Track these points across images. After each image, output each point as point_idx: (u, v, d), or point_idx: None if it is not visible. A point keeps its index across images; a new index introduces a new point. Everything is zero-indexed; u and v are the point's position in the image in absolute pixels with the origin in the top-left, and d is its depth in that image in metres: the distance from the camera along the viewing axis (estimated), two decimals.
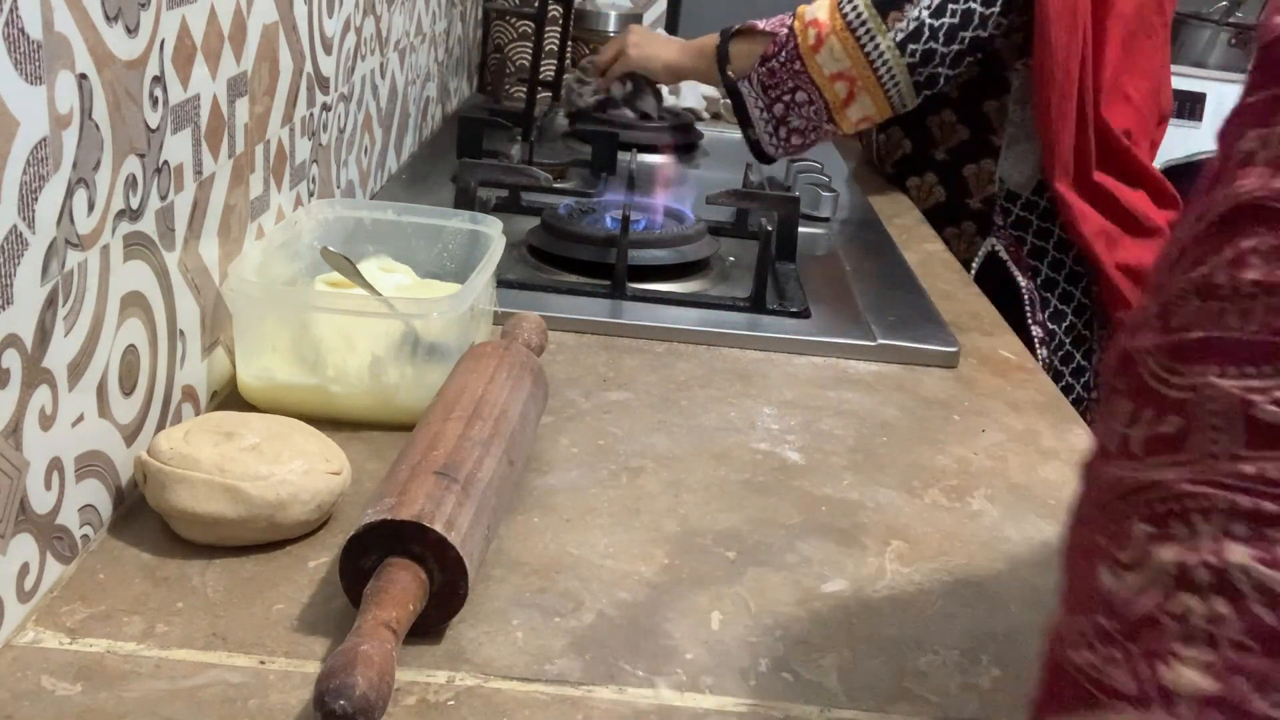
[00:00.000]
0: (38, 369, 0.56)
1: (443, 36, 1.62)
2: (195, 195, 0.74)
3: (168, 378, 0.73)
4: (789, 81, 1.37)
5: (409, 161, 1.44)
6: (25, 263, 0.54)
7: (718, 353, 1.00)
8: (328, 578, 0.64)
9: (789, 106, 1.38)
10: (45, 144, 0.55)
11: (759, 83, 1.39)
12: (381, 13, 1.22)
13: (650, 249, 1.11)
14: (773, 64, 1.37)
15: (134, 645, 0.57)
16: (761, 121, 1.41)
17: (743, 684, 0.58)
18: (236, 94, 0.79)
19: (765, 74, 1.38)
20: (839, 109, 1.36)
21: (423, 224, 0.97)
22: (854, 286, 1.16)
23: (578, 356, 0.96)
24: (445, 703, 0.55)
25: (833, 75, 1.34)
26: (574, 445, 0.81)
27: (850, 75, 1.34)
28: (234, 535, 0.64)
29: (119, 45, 0.61)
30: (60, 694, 0.53)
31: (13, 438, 0.55)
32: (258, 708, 0.53)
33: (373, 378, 0.80)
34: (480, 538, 0.61)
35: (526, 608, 0.63)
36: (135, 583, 0.62)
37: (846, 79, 1.34)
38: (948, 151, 1.51)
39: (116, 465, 0.66)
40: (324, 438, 0.70)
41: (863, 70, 1.33)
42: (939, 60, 1.33)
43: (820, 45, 1.33)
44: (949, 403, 0.94)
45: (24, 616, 0.58)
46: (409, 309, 0.81)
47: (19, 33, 0.52)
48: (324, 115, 1.03)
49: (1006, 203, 1.46)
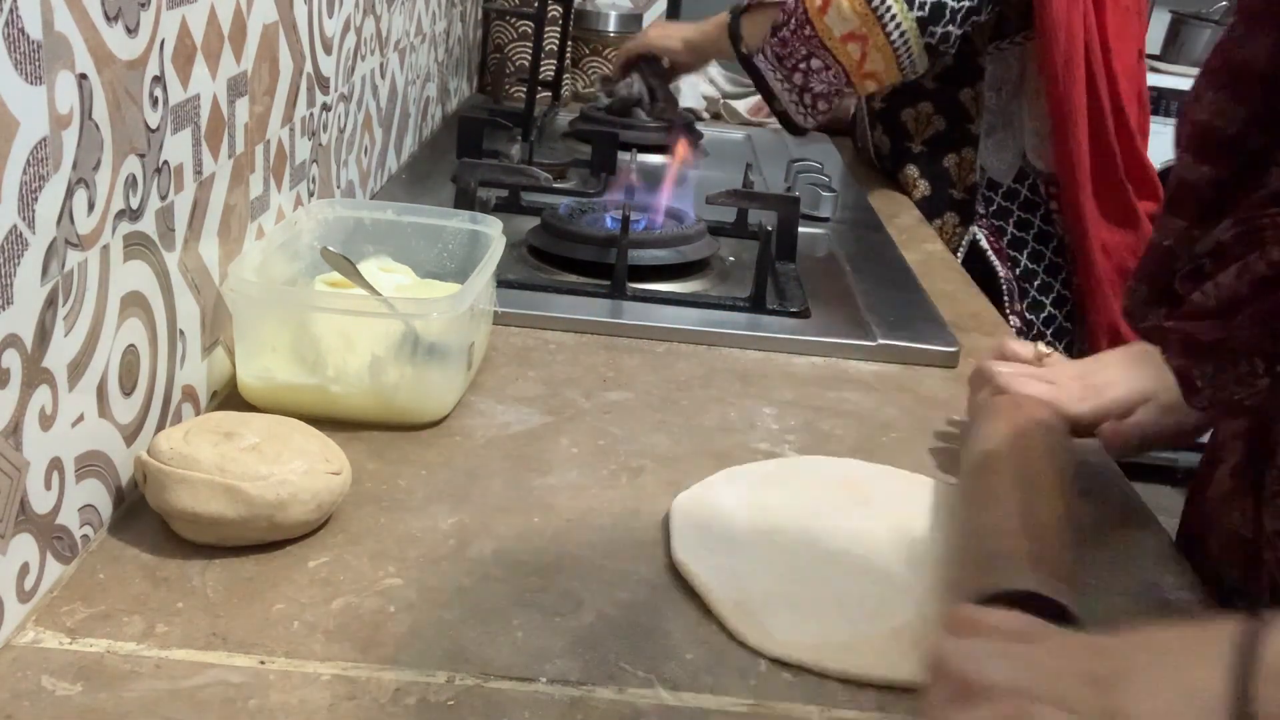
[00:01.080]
0: (38, 369, 0.56)
1: (443, 36, 1.62)
2: (195, 195, 0.74)
3: (168, 378, 0.73)
4: (802, 49, 1.35)
5: (409, 161, 1.44)
6: (25, 263, 0.54)
7: (718, 353, 1.00)
8: (328, 578, 0.64)
9: (807, 74, 1.36)
10: (45, 144, 0.55)
11: (773, 54, 1.38)
12: (381, 13, 1.22)
13: (650, 249, 1.11)
14: (783, 33, 1.36)
15: (134, 645, 0.57)
16: (785, 93, 1.39)
17: (743, 684, 0.58)
18: (236, 94, 0.79)
19: (778, 44, 1.37)
20: (856, 71, 1.34)
21: (423, 224, 0.97)
22: (854, 286, 1.16)
23: (578, 356, 0.96)
24: (445, 703, 0.55)
25: (844, 36, 1.32)
26: (574, 445, 0.81)
27: (861, 34, 1.31)
28: (234, 535, 0.64)
29: (119, 45, 0.61)
30: (60, 694, 0.53)
31: (13, 438, 0.55)
32: (258, 708, 0.53)
33: (373, 378, 0.80)
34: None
35: (526, 608, 0.63)
36: (135, 583, 0.62)
37: (858, 39, 1.32)
38: (924, 143, 1.52)
39: (116, 465, 0.66)
40: (324, 438, 0.70)
41: (872, 28, 1.31)
42: (949, 17, 1.31)
43: (828, 6, 1.31)
44: (949, 403, 0.94)
45: (24, 616, 0.58)
46: (409, 309, 0.81)
47: (19, 33, 0.52)
48: (324, 115, 1.03)
49: (988, 191, 1.47)
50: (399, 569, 0.65)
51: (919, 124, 1.51)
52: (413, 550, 0.67)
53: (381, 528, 0.69)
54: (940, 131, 1.50)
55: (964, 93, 1.47)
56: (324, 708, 0.54)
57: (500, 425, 0.83)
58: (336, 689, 0.55)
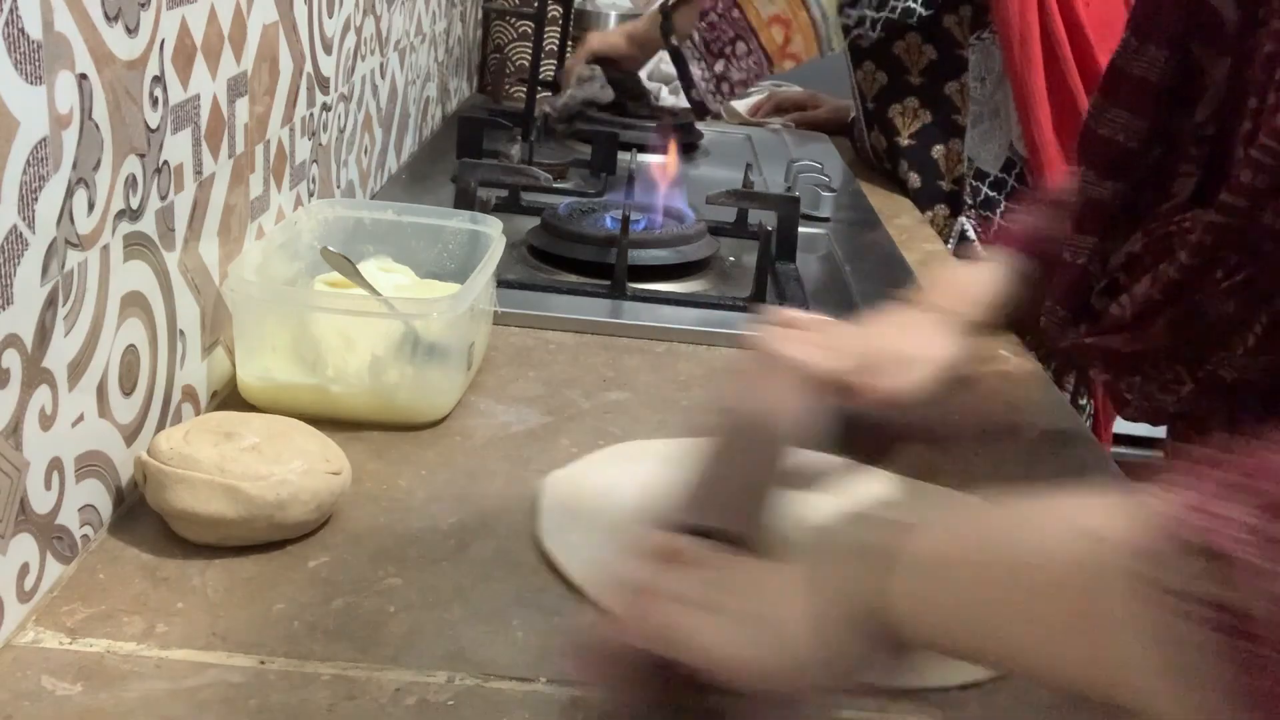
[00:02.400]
0: (38, 369, 0.56)
1: (443, 36, 1.62)
2: (195, 195, 0.74)
3: (168, 378, 0.73)
4: (729, 31, 1.42)
5: (409, 161, 1.44)
6: (25, 263, 0.54)
7: (718, 353, 1.00)
8: (328, 578, 0.64)
9: (729, 60, 1.43)
10: (45, 144, 0.55)
11: (700, 40, 1.44)
12: (381, 13, 1.22)
13: (650, 249, 1.11)
14: (711, 17, 1.43)
15: (134, 645, 0.57)
16: (704, 82, 1.46)
17: None
18: (236, 94, 0.79)
19: (705, 29, 1.43)
20: (779, 54, 1.42)
21: (423, 224, 0.97)
22: (854, 286, 1.16)
23: (578, 356, 0.96)
24: (445, 703, 0.55)
25: (770, 19, 1.39)
26: (574, 445, 0.81)
27: (785, 18, 1.39)
28: (234, 535, 0.64)
29: (119, 45, 0.61)
30: (60, 694, 0.53)
31: (13, 438, 0.55)
32: (258, 708, 0.53)
33: (373, 378, 0.80)
34: None
35: (526, 608, 0.63)
36: (135, 583, 0.62)
37: (782, 22, 1.40)
38: (912, 136, 1.54)
39: (116, 465, 0.66)
40: (324, 438, 0.70)
41: (796, 10, 1.39)
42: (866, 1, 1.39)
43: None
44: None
45: (24, 616, 0.58)
46: (409, 309, 0.81)
47: (19, 33, 0.52)
48: (324, 115, 1.03)
49: (975, 181, 1.48)
50: (399, 569, 0.65)
51: (906, 118, 1.53)
52: (413, 550, 0.67)
53: (381, 528, 0.69)
54: (927, 124, 1.52)
55: (949, 85, 1.49)
56: (324, 708, 0.54)
57: (500, 425, 0.83)
58: (336, 689, 0.55)
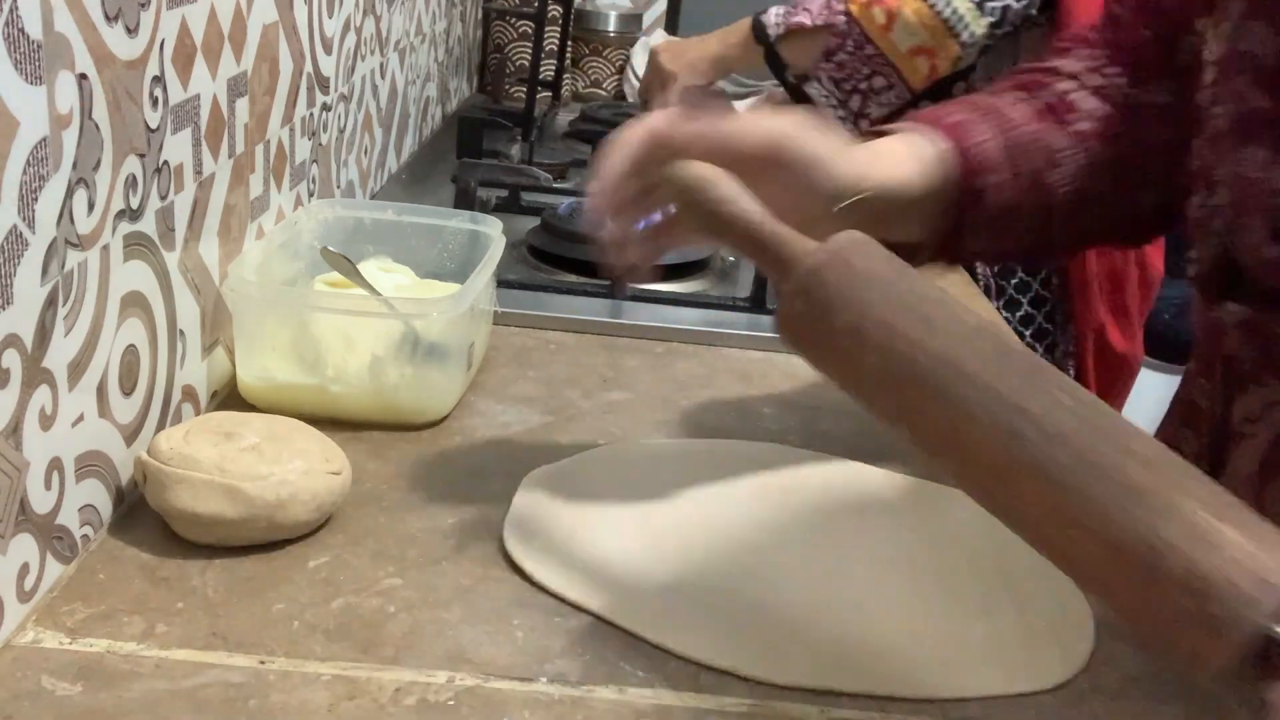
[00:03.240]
0: (38, 369, 0.56)
1: (443, 36, 1.62)
2: (195, 195, 0.74)
3: (168, 378, 0.73)
4: (863, 69, 1.33)
5: (409, 161, 1.44)
6: (25, 263, 0.54)
7: (718, 353, 1.00)
8: (328, 578, 0.64)
9: (866, 96, 1.34)
10: (45, 144, 0.55)
11: (829, 79, 1.35)
12: (381, 13, 1.22)
13: None
14: (840, 56, 1.33)
15: (134, 645, 0.57)
16: (840, 121, 1.36)
17: (742, 684, 0.58)
18: (236, 94, 0.79)
19: (834, 69, 1.34)
20: (921, 84, 1.33)
21: (423, 224, 0.97)
22: None
23: (578, 356, 0.96)
24: (445, 703, 0.55)
25: (911, 50, 1.31)
26: (574, 445, 0.81)
27: (929, 48, 1.30)
28: (234, 535, 0.64)
29: (119, 45, 0.61)
30: (60, 694, 0.53)
31: (13, 438, 0.55)
32: (258, 708, 0.53)
33: (373, 378, 0.80)
34: None
35: (526, 608, 0.63)
36: (135, 583, 0.62)
37: (926, 52, 1.31)
38: None
39: (116, 465, 0.66)
40: (324, 438, 0.70)
41: (941, 39, 1.30)
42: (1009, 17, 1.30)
43: (892, 23, 1.30)
44: None
45: (24, 616, 0.58)
46: (409, 309, 0.81)
47: (19, 33, 0.52)
48: (324, 115, 1.03)
49: None
50: (399, 569, 0.65)
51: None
52: (413, 550, 0.67)
53: (381, 528, 0.69)
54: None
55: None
56: (324, 708, 0.54)
57: (500, 425, 0.83)
58: (336, 689, 0.55)
